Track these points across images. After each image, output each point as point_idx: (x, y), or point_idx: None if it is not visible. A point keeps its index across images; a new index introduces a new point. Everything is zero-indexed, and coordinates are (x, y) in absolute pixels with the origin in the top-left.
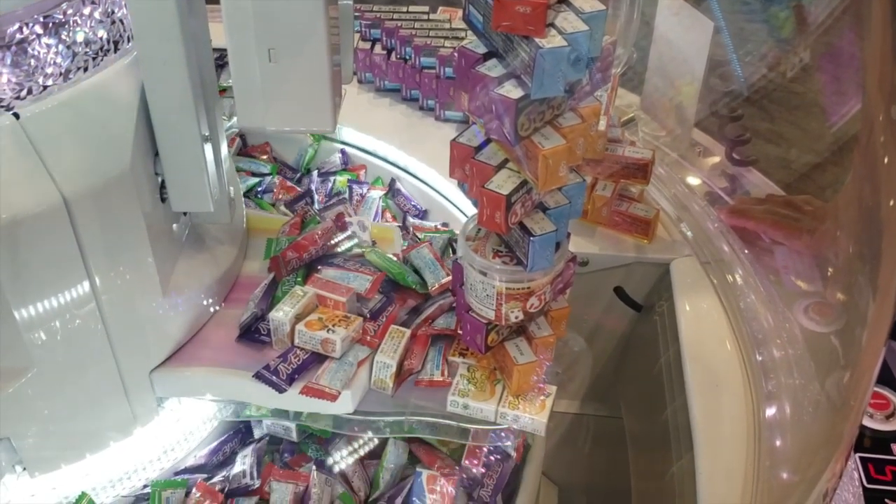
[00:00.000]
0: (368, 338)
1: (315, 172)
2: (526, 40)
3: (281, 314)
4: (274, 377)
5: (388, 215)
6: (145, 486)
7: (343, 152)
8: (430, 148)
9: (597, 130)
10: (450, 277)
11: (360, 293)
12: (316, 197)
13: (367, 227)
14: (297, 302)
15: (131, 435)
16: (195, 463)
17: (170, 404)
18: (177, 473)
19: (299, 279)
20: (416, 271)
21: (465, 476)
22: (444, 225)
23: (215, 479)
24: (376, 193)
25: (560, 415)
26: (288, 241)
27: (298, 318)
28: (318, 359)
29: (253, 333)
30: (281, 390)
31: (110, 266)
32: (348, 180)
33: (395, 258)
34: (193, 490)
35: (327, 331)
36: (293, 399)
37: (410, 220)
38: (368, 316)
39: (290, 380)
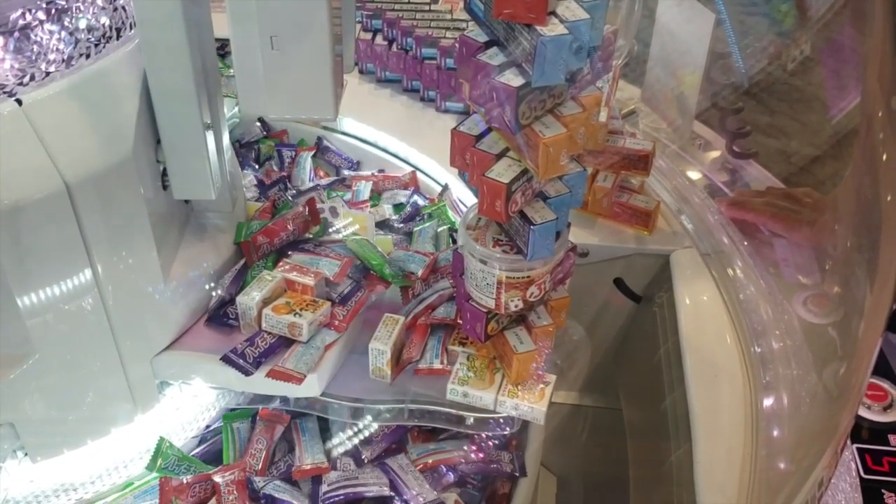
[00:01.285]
0: (337, 322)
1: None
2: (527, 28)
3: (248, 298)
4: (241, 360)
5: (322, 172)
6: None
7: (262, 120)
8: (430, 138)
9: (598, 121)
10: (433, 256)
11: (329, 277)
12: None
13: (338, 213)
14: (264, 286)
15: (132, 422)
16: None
17: (170, 391)
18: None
19: (269, 264)
20: (400, 268)
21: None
22: (381, 171)
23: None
24: (306, 154)
25: (559, 405)
26: (259, 226)
27: (266, 302)
28: (285, 342)
29: (221, 317)
30: (248, 373)
31: (112, 252)
32: (275, 145)
33: (376, 249)
34: (258, 418)
35: (294, 315)
36: (260, 382)
37: (345, 172)
38: (337, 300)
39: (257, 363)
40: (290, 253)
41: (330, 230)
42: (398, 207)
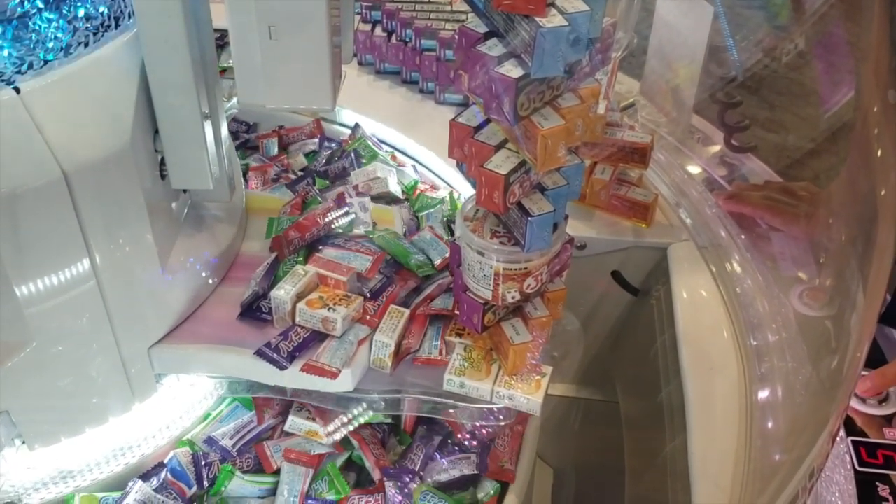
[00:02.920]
0: (368, 317)
1: None
2: (526, 20)
3: (282, 293)
4: (275, 354)
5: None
6: None
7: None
8: (429, 130)
9: (596, 113)
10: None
11: (361, 273)
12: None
13: (367, 207)
14: (298, 281)
15: (130, 411)
16: None
17: (168, 381)
18: None
19: (300, 259)
20: (423, 252)
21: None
22: (281, 127)
23: None
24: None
25: (556, 398)
26: (290, 221)
27: (299, 296)
28: (318, 337)
29: (254, 312)
30: (282, 367)
31: (110, 241)
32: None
33: (399, 240)
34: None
35: (328, 309)
36: (294, 376)
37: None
38: (368, 296)
39: (291, 357)
40: (320, 248)
41: (358, 225)
42: (310, 156)
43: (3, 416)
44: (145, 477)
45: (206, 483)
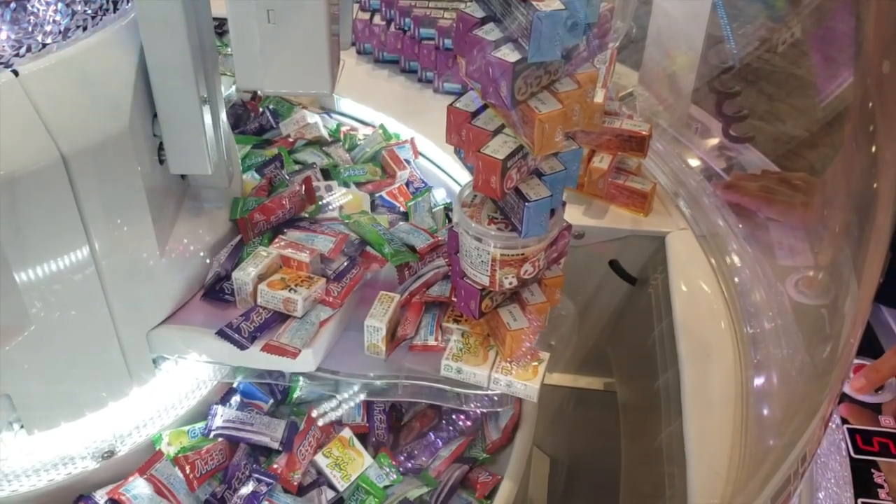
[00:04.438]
0: (331, 298)
1: None
2: (524, 4)
3: (243, 274)
4: (236, 335)
5: None
6: None
7: None
8: (427, 119)
9: (594, 101)
10: (436, 239)
11: (324, 254)
12: None
13: (333, 190)
14: (260, 262)
15: (128, 395)
16: None
17: (166, 366)
18: None
19: (265, 241)
20: (402, 240)
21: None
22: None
23: None
24: None
25: (553, 387)
26: (255, 203)
27: (261, 278)
28: (280, 318)
29: (217, 293)
30: (243, 347)
31: (108, 225)
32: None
33: (374, 225)
34: None
35: (289, 290)
36: (255, 356)
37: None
38: (332, 277)
39: (252, 338)
40: (285, 230)
41: (326, 209)
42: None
43: (1, 400)
44: (223, 401)
45: (279, 396)
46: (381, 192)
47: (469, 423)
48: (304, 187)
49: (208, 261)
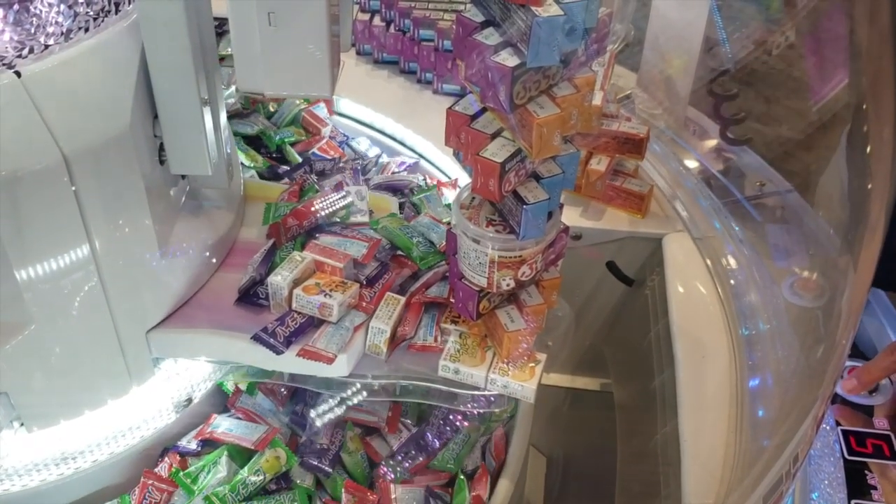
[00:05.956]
0: (364, 304)
1: None
2: (523, 9)
3: (279, 278)
4: (272, 339)
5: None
6: None
7: None
8: (426, 120)
9: (591, 104)
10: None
11: (357, 259)
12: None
13: (364, 196)
14: (295, 267)
15: (128, 394)
16: None
17: (165, 365)
18: None
19: (297, 246)
20: (423, 235)
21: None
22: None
23: None
24: None
25: (549, 387)
26: (288, 208)
27: (296, 282)
28: (314, 323)
29: (251, 297)
30: (278, 352)
31: (109, 225)
32: None
33: (402, 229)
34: None
35: (324, 295)
36: (290, 361)
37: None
38: (365, 282)
39: (288, 342)
40: (317, 235)
41: (355, 213)
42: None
43: (1, 398)
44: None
45: None
46: (312, 148)
47: (466, 423)
48: (335, 191)
49: (208, 255)
